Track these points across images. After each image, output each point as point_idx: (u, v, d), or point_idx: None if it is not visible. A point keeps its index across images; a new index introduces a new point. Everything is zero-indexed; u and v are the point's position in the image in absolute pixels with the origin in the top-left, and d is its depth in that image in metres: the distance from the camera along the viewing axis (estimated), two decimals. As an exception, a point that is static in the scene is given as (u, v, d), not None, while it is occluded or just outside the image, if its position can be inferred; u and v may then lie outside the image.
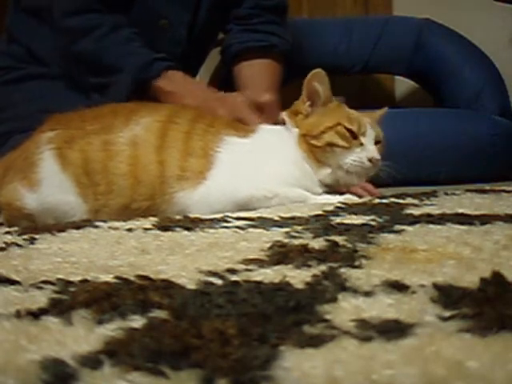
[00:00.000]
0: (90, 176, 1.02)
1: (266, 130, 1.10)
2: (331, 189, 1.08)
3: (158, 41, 1.46)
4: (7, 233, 0.87)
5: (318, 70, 1.08)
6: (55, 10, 1.38)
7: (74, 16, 1.36)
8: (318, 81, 1.08)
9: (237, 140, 1.06)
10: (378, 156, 1.05)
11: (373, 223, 0.80)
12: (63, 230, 0.84)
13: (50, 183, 1.02)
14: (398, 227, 0.75)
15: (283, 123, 1.11)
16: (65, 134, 1.04)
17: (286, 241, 0.70)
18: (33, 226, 0.95)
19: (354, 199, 1.05)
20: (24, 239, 0.80)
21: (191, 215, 0.94)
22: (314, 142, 1.06)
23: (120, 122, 1.05)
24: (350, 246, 0.67)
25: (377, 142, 1.08)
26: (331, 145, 1.05)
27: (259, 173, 1.03)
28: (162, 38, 1.47)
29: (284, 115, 1.11)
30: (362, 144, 1.05)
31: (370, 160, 1.05)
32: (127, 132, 1.03)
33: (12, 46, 1.49)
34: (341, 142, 1.05)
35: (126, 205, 1.01)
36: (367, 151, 1.05)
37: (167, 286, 0.52)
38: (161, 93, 1.29)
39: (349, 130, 1.05)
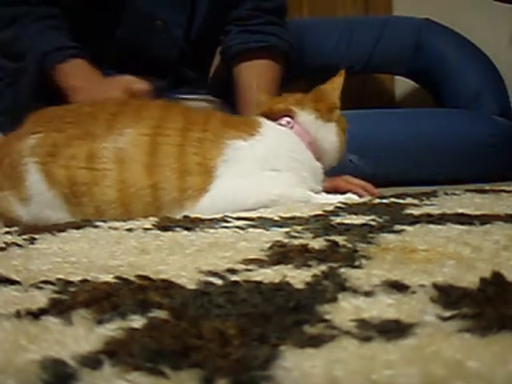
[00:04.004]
0: (77, 197, 0.98)
1: (272, 130, 1.07)
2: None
3: (154, 42, 1.46)
4: (7, 233, 0.87)
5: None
6: None
7: (7, 6, 1.40)
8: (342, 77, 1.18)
9: (241, 144, 1.01)
10: None
11: (373, 223, 0.80)
12: (63, 230, 0.84)
13: (40, 200, 0.99)
14: (397, 227, 0.75)
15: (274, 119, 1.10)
16: (47, 142, 0.99)
17: (286, 241, 0.70)
18: (33, 225, 0.95)
19: (355, 199, 1.05)
20: (24, 239, 0.80)
21: (191, 215, 0.94)
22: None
23: (102, 129, 0.99)
24: (350, 245, 0.67)
25: None
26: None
27: (266, 180, 1.01)
28: (157, 38, 1.47)
29: (296, 111, 1.10)
30: None
31: None
32: (111, 143, 0.97)
33: None
34: None
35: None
36: None
37: (167, 286, 0.52)
38: (57, 78, 1.32)
39: None
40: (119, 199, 0.96)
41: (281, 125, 1.09)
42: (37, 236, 0.81)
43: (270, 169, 1.02)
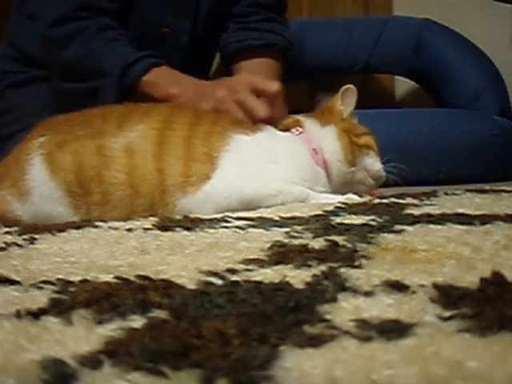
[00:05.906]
0: (82, 184, 0.98)
1: (275, 132, 1.10)
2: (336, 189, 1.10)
3: (159, 49, 1.46)
4: (7, 233, 0.87)
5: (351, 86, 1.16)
6: (40, 22, 1.37)
7: (59, 26, 1.34)
8: (352, 93, 1.15)
9: (245, 138, 1.04)
10: None
11: (373, 223, 0.80)
12: (63, 230, 0.84)
13: (39, 193, 0.99)
14: (397, 227, 0.75)
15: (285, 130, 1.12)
16: (56, 139, 1.01)
17: (286, 241, 0.70)
18: (33, 225, 0.95)
19: (355, 199, 1.05)
20: (24, 239, 0.80)
21: (191, 215, 0.94)
22: (355, 139, 1.12)
23: (112, 127, 1.01)
24: (349, 245, 0.67)
25: None
26: (368, 147, 1.12)
27: (266, 171, 1.02)
28: (163, 45, 1.47)
29: (303, 120, 1.13)
30: None
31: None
32: (121, 138, 1.00)
33: (13, 50, 1.49)
34: (376, 149, 1.13)
35: (125, 217, 0.96)
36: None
37: (167, 286, 0.52)
38: (146, 89, 1.27)
39: None
40: (127, 181, 0.98)
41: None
42: (37, 236, 0.81)
43: (270, 160, 1.04)
